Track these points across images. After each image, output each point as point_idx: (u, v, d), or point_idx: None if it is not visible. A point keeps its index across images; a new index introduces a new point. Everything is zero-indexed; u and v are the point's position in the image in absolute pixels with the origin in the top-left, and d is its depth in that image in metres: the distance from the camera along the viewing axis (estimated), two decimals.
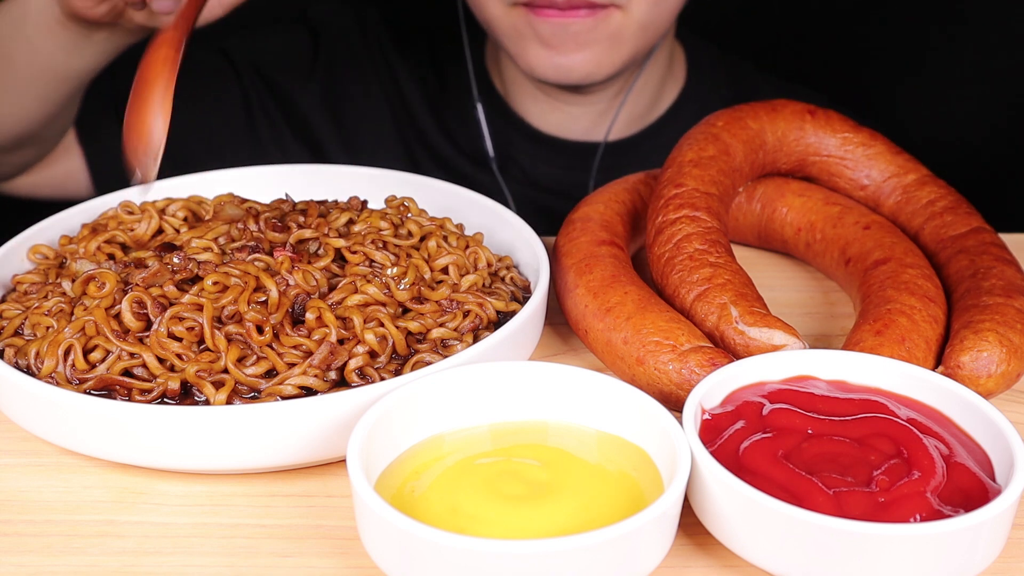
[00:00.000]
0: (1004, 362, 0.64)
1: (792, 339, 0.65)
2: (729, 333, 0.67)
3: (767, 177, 0.86)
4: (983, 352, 0.64)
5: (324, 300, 0.65)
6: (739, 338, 0.66)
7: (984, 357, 0.64)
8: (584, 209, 0.81)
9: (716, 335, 0.67)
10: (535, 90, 1.23)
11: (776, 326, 0.66)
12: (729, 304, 0.67)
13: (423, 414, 0.59)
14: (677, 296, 0.70)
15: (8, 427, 0.65)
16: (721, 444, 0.56)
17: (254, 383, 0.61)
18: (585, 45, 1.09)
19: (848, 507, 0.51)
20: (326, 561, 0.56)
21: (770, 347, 0.65)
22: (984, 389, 0.64)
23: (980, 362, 0.64)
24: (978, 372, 0.64)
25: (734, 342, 0.66)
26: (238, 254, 0.68)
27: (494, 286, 0.72)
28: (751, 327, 0.66)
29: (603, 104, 1.23)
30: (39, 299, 0.67)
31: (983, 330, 0.65)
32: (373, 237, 0.71)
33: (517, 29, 1.10)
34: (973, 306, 0.68)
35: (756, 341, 0.66)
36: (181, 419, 0.57)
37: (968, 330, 0.66)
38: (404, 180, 0.85)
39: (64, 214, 0.78)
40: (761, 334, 0.65)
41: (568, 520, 0.52)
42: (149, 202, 0.76)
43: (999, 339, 0.65)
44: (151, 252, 0.70)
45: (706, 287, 0.69)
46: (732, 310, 0.67)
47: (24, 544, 0.57)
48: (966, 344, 0.65)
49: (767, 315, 0.67)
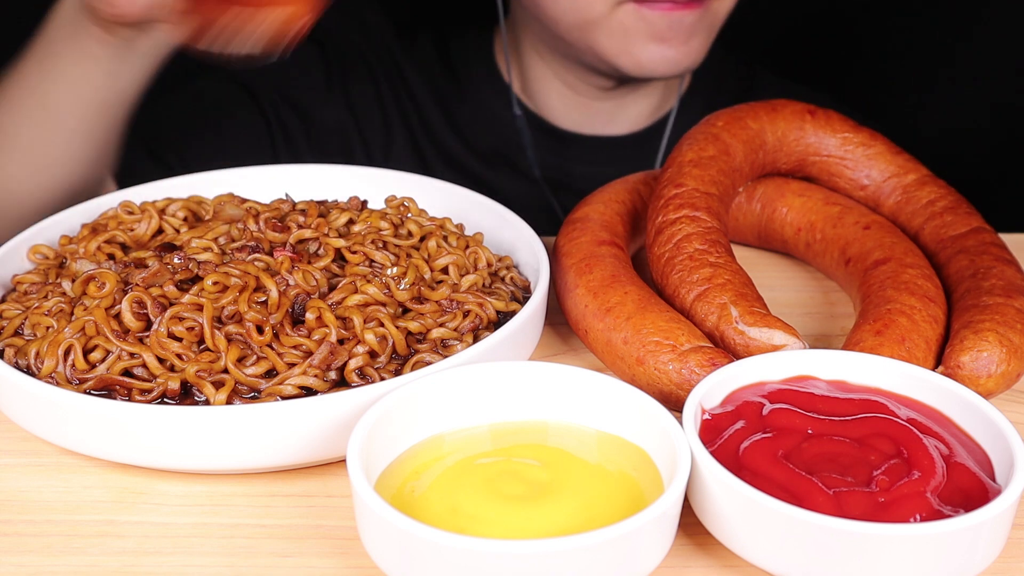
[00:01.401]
0: (1004, 362, 0.64)
1: (792, 339, 0.65)
2: (729, 333, 0.66)
3: (767, 177, 0.86)
4: (983, 352, 0.64)
5: (324, 300, 0.65)
6: (739, 338, 0.66)
7: (984, 357, 0.64)
8: (584, 209, 0.81)
9: (716, 335, 0.67)
10: (563, 87, 1.23)
11: (776, 326, 0.66)
12: (729, 304, 0.67)
13: (423, 414, 0.59)
14: (677, 296, 0.70)
15: (8, 427, 0.65)
16: (721, 444, 0.56)
17: (254, 383, 0.61)
18: (692, 36, 1.11)
19: (848, 507, 0.51)
20: (326, 561, 0.56)
21: (770, 347, 0.65)
22: (984, 389, 0.64)
23: (980, 362, 0.64)
24: (978, 372, 0.64)
25: (734, 342, 0.66)
26: (238, 254, 0.68)
27: (494, 286, 0.72)
28: (751, 327, 0.66)
29: (627, 98, 1.24)
30: (39, 299, 0.67)
31: (983, 330, 0.65)
32: (373, 237, 0.71)
33: (624, 26, 1.10)
34: (973, 306, 0.68)
35: (756, 341, 0.66)
36: (181, 419, 0.57)
37: (968, 330, 0.66)
38: (404, 180, 0.85)
39: (64, 214, 0.78)
40: (761, 334, 0.65)
41: (568, 520, 0.52)
42: (149, 202, 0.76)
43: (999, 339, 0.65)
44: (151, 252, 0.70)
45: (706, 287, 0.69)
46: (732, 310, 0.67)
47: (24, 544, 0.57)
48: (966, 344, 0.65)
49: (767, 315, 0.67)
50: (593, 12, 1.10)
